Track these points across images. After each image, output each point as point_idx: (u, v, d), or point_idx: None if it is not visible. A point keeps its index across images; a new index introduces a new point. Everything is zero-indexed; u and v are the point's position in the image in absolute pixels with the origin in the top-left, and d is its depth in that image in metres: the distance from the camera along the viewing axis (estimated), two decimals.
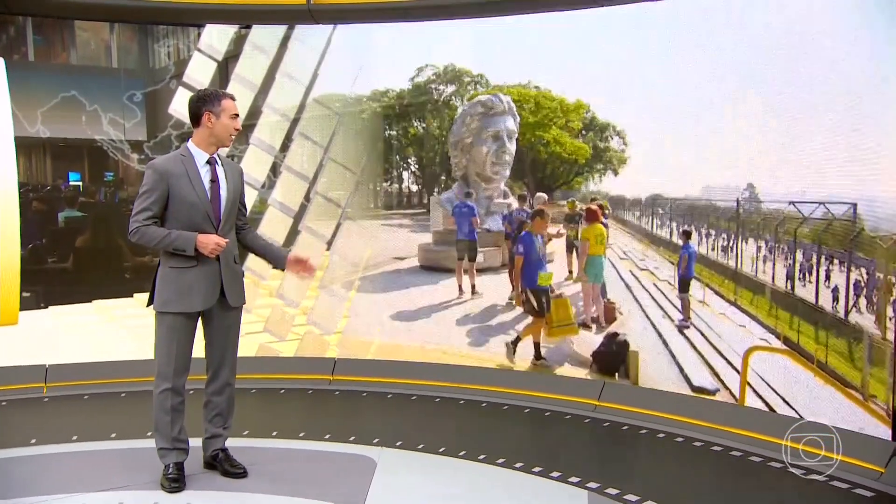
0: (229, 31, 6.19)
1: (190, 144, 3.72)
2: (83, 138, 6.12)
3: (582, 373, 5.58)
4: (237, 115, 3.76)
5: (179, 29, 6.27)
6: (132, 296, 6.21)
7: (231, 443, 3.97)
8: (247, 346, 5.91)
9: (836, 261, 4.40)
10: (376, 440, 4.52)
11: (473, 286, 6.24)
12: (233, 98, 3.76)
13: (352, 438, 4.55)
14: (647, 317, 5.44)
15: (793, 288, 4.66)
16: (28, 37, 6.20)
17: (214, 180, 3.70)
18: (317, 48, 6.17)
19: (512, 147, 6.23)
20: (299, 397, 5.64)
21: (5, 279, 5.65)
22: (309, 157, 6.33)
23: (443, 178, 6.61)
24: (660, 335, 5.36)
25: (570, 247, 6.03)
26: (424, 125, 6.49)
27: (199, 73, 6.07)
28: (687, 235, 5.30)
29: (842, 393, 4.29)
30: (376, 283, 6.38)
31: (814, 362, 4.45)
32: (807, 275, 4.60)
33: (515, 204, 6.28)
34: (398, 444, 4.48)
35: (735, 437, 4.51)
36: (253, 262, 6.09)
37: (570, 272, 6.03)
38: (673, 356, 5.23)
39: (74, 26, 6.34)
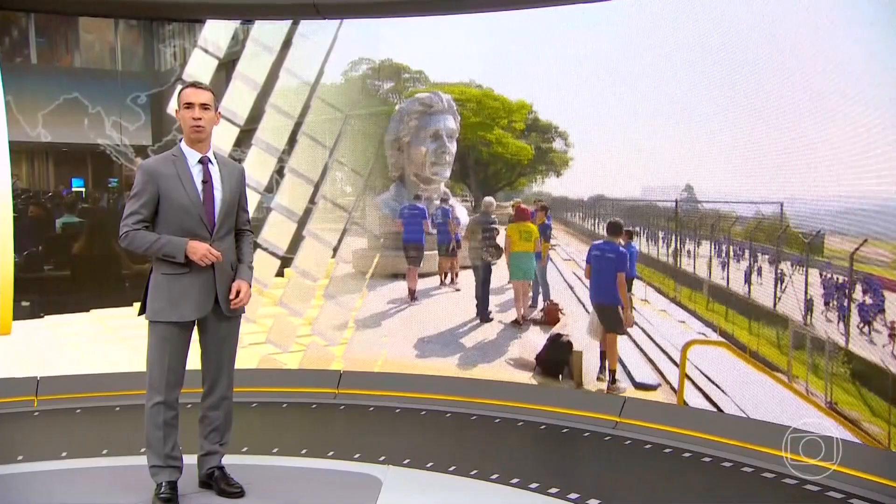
0: (231, 26, 6.08)
1: (182, 144, 3.56)
2: (86, 143, 6.03)
3: (526, 376, 5.65)
4: (190, 105, 3.48)
5: (185, 30, 6.16)
6: (132, 305, 6.04)
7: (229, 460, 3.81)
8: (248, 358, 5.77)
9: (766, 256, 4.81)
10: (383, 458, 4.37)
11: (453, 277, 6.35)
12: (195, 86, 3.55)
13: (357, 456, 4.41)
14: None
15: (728, 283, 5.03)
16: (31, 39, 6.09)
17: (207, 181, 3.51)
18: (322, 44, 6.05)
19: (452, 147, 6.22)
20: (302, 412, 5.47)
21: None
22: (314, 159, 6.19)
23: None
24: (623, 367, 5.41)
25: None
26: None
27: (200, 70, 5.92)
28: (628, 236, 5.36)
29: (771, 378, 4.67)
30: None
31: (747, 352, 4.80)
32: (752, 274, 4.92)
33: (441, 201, 6.30)
34: (405, 462, 4.33)
35: (767, 456, 4.28)
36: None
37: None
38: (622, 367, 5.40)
39: (78, 28, 6.23)
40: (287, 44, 6.05)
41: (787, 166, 4.46)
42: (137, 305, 3.59)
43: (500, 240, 6.11)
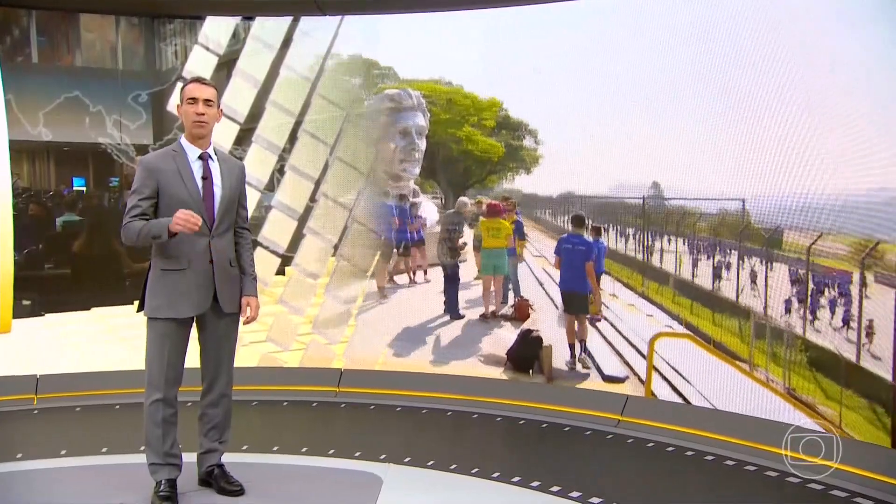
0: (232, 24, 6.06)
1: (182, 140, 3.53)
2: (87, 142, 6.00)
3: (497, 372, 5.70)
4: (194, 100, 3.45)
5: (187, 28, 6.13)
6: (132, 303, 5.95)
7: (229, 458, 3.79)
8: (248, 356, 5.75)
9: (729, 251, 5.03)
10: (383, 456, 4.35)
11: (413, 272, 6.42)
12: (199, 81, 3.53)
13: (357, 454, 4.38)
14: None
15: (693, 276, 5.23)
16: (32, 38, 6.06)
17: (206, 177, 3.49)
18: (323, 41, 6.03)
19: (422, 144, 6.18)
20: (303, 410, 5.44)
21: None
22: (315, 156, 6.16)
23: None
24: (579, 341, 5.58)
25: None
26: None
27: (200, 67, 5.90)
28: (596, 232, 5.58)
29: (734, 367, 4.86)
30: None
31: (711, 343, 4.99)
32: (716, 268, 5.11)
33: (400, 198, 6.31)
34: (406, 460, 4.30)
35: (767, 454, 4.25)
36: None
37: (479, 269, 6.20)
38: (590, 358, 5.51)
39: (80, 27, 6.20)
40: (288, 41, 6.02)
41: (748, 165, 4.68)
42: (137, 304, 3.57)
43: (469, 240, 6.18)
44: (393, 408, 5.43)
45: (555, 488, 3.84)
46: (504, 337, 5.81)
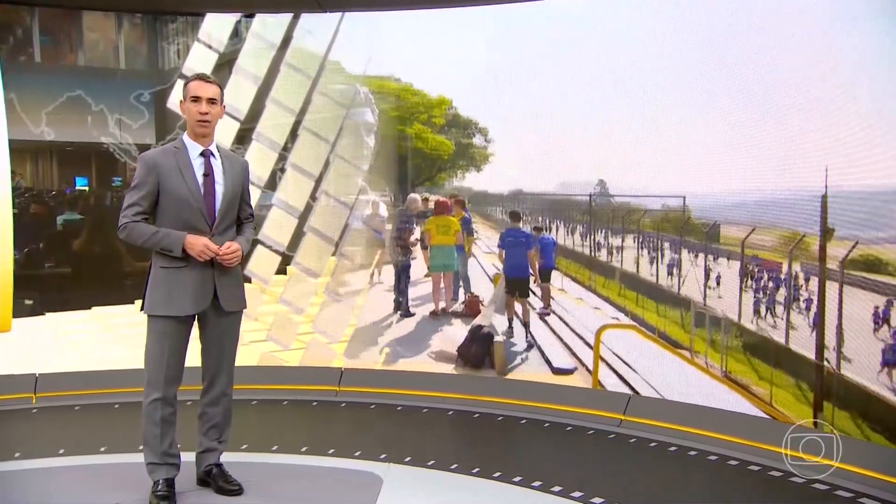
0: (232, 21, 6.05)
1: (184, 136, 3.49)
2: (90, 142, 5.99)
3: (448, 368, 5.78)
4: (197, 98, 3.42)
5: (189, 27, 6.11)
6: (132, 302, 6.02)
7: (228, 457, 3.75)
8: (249, 355, 5.73)
9: (672, 245, 5.31)
10: (383, 455, 4.32)
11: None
12: (203, 78, 3.47)
13: (357, 454, 4.36)
14: (527, 322, 5.85)
15: (638, 270, 5.48)
16: (35, 37, 6.04)
17: (208, 174, 3.44)
18: (324, 38, 6.01)
19: (370, 141, 6.16)
20: (303, 409, 5.42)
21: None
22: (315, 154, 6.14)
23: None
24: (522, 324, 5.83)
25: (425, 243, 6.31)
26: None
27: (200, 64, 5.88)
28: (538, 230, 5.88)
29: (676, 355, 5.12)
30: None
31: (655, 332, 5.25)
32: (666, 262, 5.34)
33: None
34: (407, 459, 4.28)
35: (771, 454, 4.21)
36: (256, 266, 5.91)
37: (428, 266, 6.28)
38: (535, 342, 5.73)
39: (82, 26, 6.19)
40: (288, 38, 6.01)
41: (688, 164, 4.98)
42: (139, 303, 3.53)
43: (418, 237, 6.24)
44: (394, 407, 5.41)
45: (556, 488, 3.81)
46: (455, 334, 5.89)
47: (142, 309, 3.48)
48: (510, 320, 5.87)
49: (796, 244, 4.49)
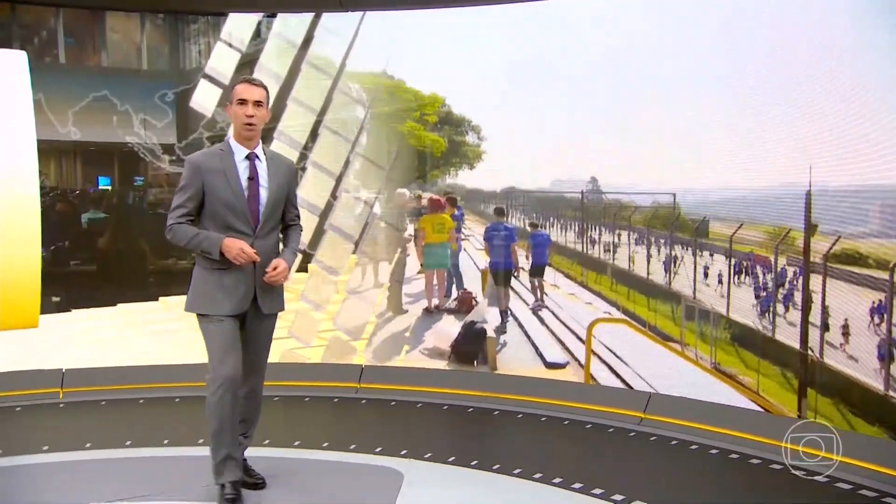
0: (254, 21, 6.07)
1: (230, 139, 3.47)
2: (113, 142, 6.05)
3: (441, 364, 5.85)
4: (244, 101, 3.39)
5: (211, 28, 6.15)
6: (157, 300, 6.11)
7: (250, 452, 3.78)
8: (271, 352, 5.71)
9: (662, 240, 5.40)
10: (404, 452, 4.32)
11: None
12: (250, 81, 3.45)
13: (378, 450, 4.37)
14: (507, 308, 5.96)
15: (629, 265, 5.58)
16: (59, 39, 6.11)
17: (253, 178, 3.41)
18: (345, 37, 6.02)
19: (361, 138, 6.17)
20: (324, 406, 5.44)
21: (25, 281, 5.52)
22: (336, 153, 6.16)
23: None
24: (515, 319, 5.90)
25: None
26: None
27: (222, 64, 5.93)
28: (533, 226, 6.01)
29: (667, 348, 5.25)
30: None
31: (646, 326, 5.36)
32: (650, 256, 5.48)
33: None
34: (427, 456, 4.27)
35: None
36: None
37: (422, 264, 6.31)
38: (528, 337, 5.80)
39: (106, 28, 6.26)
40: (309, 38, 6.03)
41: (679, 162, 5.11)
42: (163, 300, 3.58)
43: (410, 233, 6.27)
44: (414, 404, 5.41)
45: (577, 485, 3.79)
46: (447, 330, 5.96)
47: (186, 307, 3.48)
48: (503, 313, 5.96)
49: (782, 238, 4.61)
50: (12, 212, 5.30)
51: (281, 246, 3.64)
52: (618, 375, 5.28)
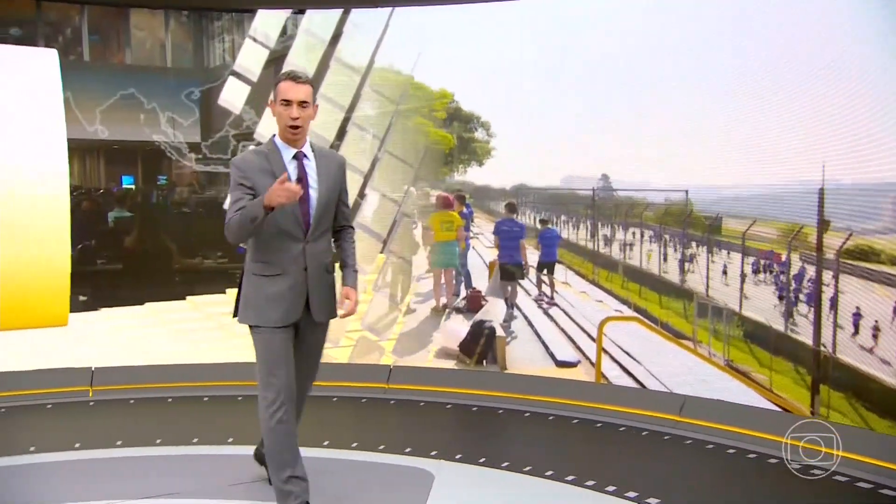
0: (281, 18, 6.04)
1: (276, 139, 3.25)
2: (136, 140, 6.04)
3: (450, 363, 5.81)
4: (288, 102, 3.14)
5: (235, 25, 6.14)
6: (184, 298, 6.10)
7: None
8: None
9: (674, 237, 5.42)
10: (434, 452, 4.29)
11: None
12: (294, 78, 3.17)
13: (408, 450, 4.34)
14: (514, 303, 5.98)
15: (641, 263, 5.58)
16: (84, 36, 6.11)
17: (301, 178, 3.18)
18: (374, 33, 5.98)
19: (367, 135, 6.12)
20: (352, 406, 5.41)
21: (55, 280, 5.54)
22: (364, 151, 6.14)
23: None
24: (525, 318, 5.87)
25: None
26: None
27: (250, 61, 5.90)
28: (543, 223, 6.02)
29: (678, 345, 5.24)
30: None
31: (658, 324, 5.34)
32: (662, 254, 5.49)
33: None
34: (458, 457, 4.24)
35: (841, 460, 4.04)
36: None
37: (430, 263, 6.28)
38: (538, 336, 5.76)
39: (130, 25, 6.26)
40: (338, 34, 5.99)
41: (692, 159, 5.10)
42: (190, 299, 3.53)
43: (418, 232, 6.20)
44: (443, 405, 5.36)
45: (610, 488, 3.74)
46: (456, 329, 5.89)
47: (234, 315, 3.34)
48: (512, 305, 5.99)
49: (795, 235, 4.61)
50: (43, 211, 5.33)
51: (331, 253, 3.43)
52: (629, 374, 5.25)
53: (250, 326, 3.25)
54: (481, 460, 4.17)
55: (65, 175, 5.55)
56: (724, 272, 5.10)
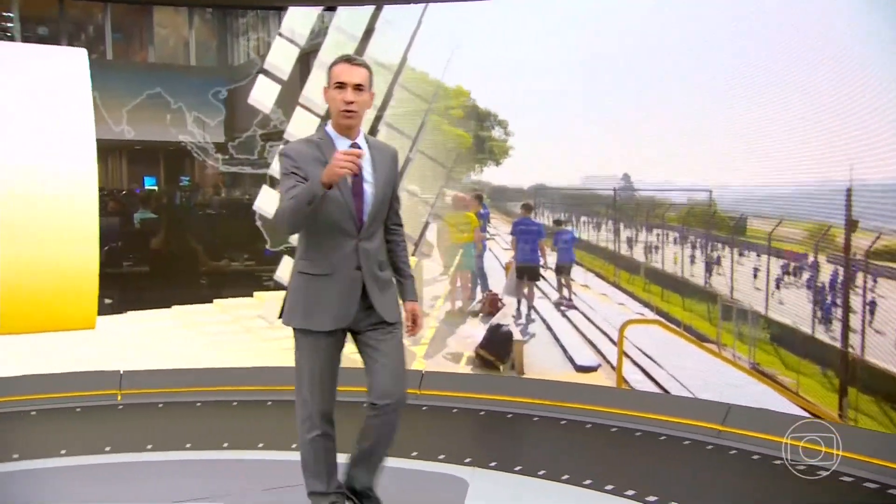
0: (312, 16, 5.99)
1: (328, 128, 3.02)
2: (158, 141, 6.02)
3: (467, 369, 5.77)
4: (342, 85, 2.89)
5: (259, 22, 6.09)
6: (211, 301, 6.07)
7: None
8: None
9: (697, 238, 5.33)
10: (468, 460, 4.21)
11: None
12: (349, 61, 2.93)
13: (441, 457, 4.26)
14: (532, 305, 5.93)
15: (663, 265, 5.47)
16: (107, 35, 6.08)
17: (356, 173, 2.86)
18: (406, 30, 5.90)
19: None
20: None
21: (83, 282, 5.51)
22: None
23: None
24: (544, 321, 5.80)
25: None
26: None
27: (281, 59, 5.85)
28: (558, 223, 5.93)
29: (702, 348, 5.16)
30: None
31: (681, 327, 5.26)
32: (684, 255, 5.39)
33: None
34: (492, 464, 4.17)
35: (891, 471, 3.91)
36: None
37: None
38: (557, 340, 5.69)
39: (153, 23, 6.22)
40: (370, 31, 5.90)
41: (715, 158, 5.02)
42: (217, 302, 3.44)
43: (430, 233, 6.07)
44: (476, 411, 5.26)
45: (651, 498, 3.64)
46: (472, 333, 5.81)
47: (279, 317, 3.10)
48: (519, 302, 5.94)
49: (822, 236, 4.54)
50: (73, 212, 5.31)
51: (384, 251, 3.15)
52: (650, 377, 5.17)
53: (294, 329, 3.04)
54: (517, 468, 4.09)
55: (94, 176, 5.51)
56: (755, 275, 4.95)
